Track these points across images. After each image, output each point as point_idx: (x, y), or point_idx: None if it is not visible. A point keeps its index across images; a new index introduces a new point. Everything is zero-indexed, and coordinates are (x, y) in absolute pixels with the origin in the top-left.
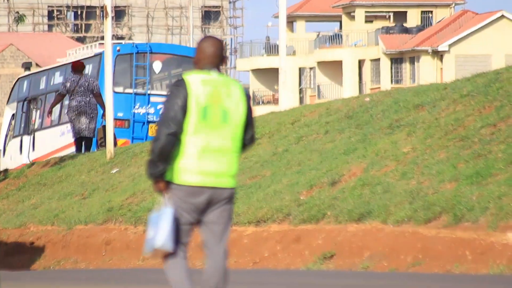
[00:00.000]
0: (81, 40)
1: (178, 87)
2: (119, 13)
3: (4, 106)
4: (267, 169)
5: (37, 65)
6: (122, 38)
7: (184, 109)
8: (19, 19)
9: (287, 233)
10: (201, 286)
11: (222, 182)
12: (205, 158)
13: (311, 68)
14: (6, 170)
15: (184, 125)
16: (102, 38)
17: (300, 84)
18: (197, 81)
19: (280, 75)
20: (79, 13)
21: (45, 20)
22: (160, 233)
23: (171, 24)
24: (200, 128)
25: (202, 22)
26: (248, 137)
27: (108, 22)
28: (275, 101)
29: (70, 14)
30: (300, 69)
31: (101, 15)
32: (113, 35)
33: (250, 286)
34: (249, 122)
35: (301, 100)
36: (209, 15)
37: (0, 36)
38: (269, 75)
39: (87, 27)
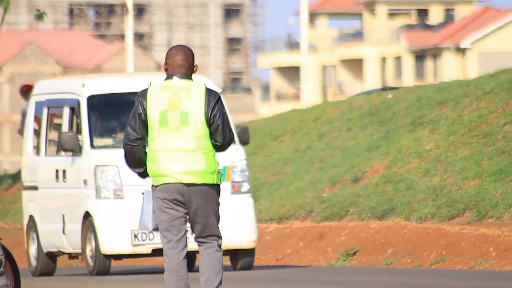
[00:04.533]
0: (102, 38)
1: (139, 97)
2: (140, 11)
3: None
4: (290, 166)
5: (57, 63)
6: (142, 35)
7: (143, 117)
8: (40, 16)
9: (310, 230)
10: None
11: (190, 180)
12: (170, 159)
13: (333, 66)
14: None
15: (149, 132)
16: (123, 36)
17: (323, 81)
18: (157, 89)
19: (302, 72)
20: (99, 11)
21: (66, 17)
22: (140, 216)
23: (191, 22)
24: (162, 132)
25: (223, 20)
26: (219, 137)
27: (129, 19)
28: (297, 98)
29: (91, 12)
30: (321, 66)
31: (122, 13)
32: (134, 33)
33: (273, 283)
34: (215, 121)
35: (323, 97)
36: (230, 12)
37: (20, 34)
38: (291, 73)
39: (108, 25)
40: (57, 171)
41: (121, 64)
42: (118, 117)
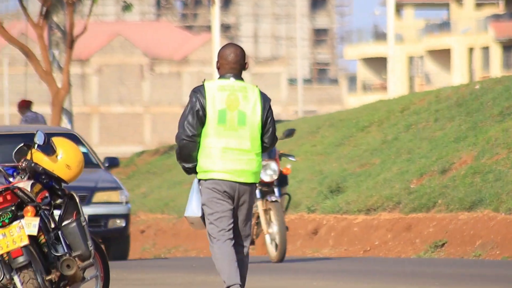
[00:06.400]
0: (188, 29)
1: (196, 94)
2: (227, 2)
3: (113, 96)
4: (377, 157)
5: (144, 54)
6: (229, 27)
7: (201, 114)
8: (127, 8)
9: (398, 222)
10: None
11: (242, 179)
12: (225, 158)
13: (420, 57)
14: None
15: (204, 128)
16: (210, 27)
17: (409, 72)
18: (214, 87)
19: (389, 63)
20: (186, 2)
21: (153, 9)
22: (188, 203)
23: (278, 13)
24: (219, 131)
25: (309, 11)
26: (268, 139)
27: (216, 10)
28: (383, 89)
29: (178, 3)
30: (408, 57)
31: (209, 4)
32: (220, 24)
33: (360, 274)
34: (268, 124)
35: (410, 88)
36: (316, 3)
37: (107, 25)
38: (377, 63)
39: (195, 16)
40: None
41: (207, 55)
42: None
